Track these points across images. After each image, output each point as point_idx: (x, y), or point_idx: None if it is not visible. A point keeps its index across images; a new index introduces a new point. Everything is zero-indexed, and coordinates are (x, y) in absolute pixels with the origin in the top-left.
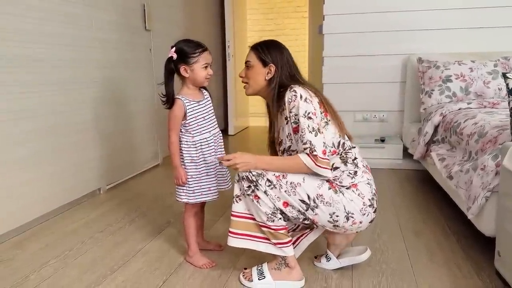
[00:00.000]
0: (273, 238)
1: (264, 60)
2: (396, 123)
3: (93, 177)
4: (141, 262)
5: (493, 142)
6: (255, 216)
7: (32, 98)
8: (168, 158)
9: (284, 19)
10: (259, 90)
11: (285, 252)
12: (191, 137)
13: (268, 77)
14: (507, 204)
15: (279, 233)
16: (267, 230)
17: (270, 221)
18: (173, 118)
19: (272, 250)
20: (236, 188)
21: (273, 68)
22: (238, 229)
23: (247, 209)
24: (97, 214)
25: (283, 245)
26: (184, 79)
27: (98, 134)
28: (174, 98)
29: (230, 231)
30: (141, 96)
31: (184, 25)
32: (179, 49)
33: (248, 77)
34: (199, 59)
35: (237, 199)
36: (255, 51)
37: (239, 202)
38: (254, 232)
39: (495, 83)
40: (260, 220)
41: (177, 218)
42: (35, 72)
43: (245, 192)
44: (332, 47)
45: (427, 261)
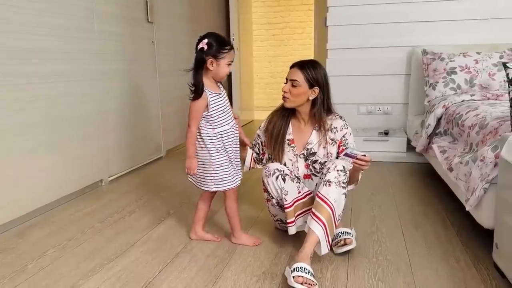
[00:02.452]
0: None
1: (311, 82)
2: (400, 116)
3: (96, 169)
4: (139, 251)
5: (494, 133)
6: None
7: (35, 90)
8: (171, 150)
9: (290, 11)
10: (298, 105)
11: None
12: (212, 129)
13: (312, 97)
14: (505, 196)
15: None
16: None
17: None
18: (196, 109)
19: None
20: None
21: (317, 90)
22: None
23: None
24: (99, 205)
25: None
26: (207, 71)
27: (101, 126)
28: (203, 89)
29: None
30: (144, 88)
31: (187, 17)
32: (210, 42)
33: (292, 94)
34: (226, 56)
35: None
36: (303, 72)
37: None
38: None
39: (501, 75)
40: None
41: (177, 209)
42: (36, 63)
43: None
44: (336, 39)
45: (424, 253)
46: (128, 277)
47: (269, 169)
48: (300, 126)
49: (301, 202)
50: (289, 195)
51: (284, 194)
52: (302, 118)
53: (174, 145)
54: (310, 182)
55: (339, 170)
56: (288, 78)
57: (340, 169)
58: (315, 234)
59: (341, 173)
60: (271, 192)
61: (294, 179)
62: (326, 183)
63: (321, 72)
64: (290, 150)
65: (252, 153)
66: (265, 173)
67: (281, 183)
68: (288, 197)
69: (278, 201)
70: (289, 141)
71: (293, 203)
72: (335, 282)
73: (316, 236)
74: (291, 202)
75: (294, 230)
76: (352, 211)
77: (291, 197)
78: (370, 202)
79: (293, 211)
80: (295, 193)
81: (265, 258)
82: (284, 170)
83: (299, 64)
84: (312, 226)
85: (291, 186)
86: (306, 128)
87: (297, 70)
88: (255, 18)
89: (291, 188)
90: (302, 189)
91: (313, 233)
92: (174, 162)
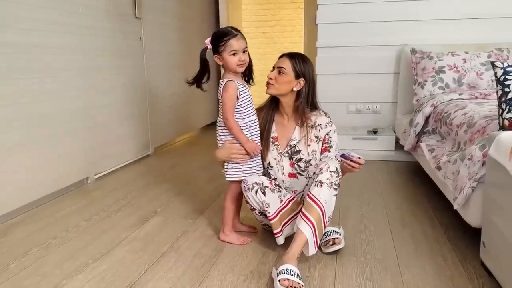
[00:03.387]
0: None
1: (298, 72)
2: (389, 114)
3: (82, 166)
4: (124, 250)
5: (482, 132)
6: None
7: (20, 85)
8: (159, 148)
9: (280, 9)
10: (280, 94)
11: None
12: (241, 119)
13: (296, 88)
14: (492, 194)
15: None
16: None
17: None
18: (231, 99)
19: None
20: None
21: (302, 82)
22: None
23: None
24: (84, 203)
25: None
26: (222, 66)
27: (87, 122)
28: (199, 83)
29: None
30: (131, 84)
31: (176, 13)
32: (211, 40)
33: (277, 81)
34: (225, 47)
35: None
36: (292, 61)
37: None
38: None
39: (488, 74)
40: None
41: (164, 207)
42: (21, 58)
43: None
44: (326, 38)
45: (412, 251)
46: (113, 277)
47: (248, 184)
48: (283, 121)
49: (285, 211)
50: (271, 207)
51: (266, 206)
52: (286, 113)
53: (162, 142)
54: (295, 182)
55: (332, 171)
56: (276, 66)
57: (333, 170)
58: (303, 235)
59: (333, 174)
60: (252, 205)
61: (274, 189)
62: (318, 183)
63: (309, 67)
64: (274, 148)
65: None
66: (244, 187)
67: (261, 196)
68: (270, 209)
69: (262, 212)
70: (273, 139)
71: (277, 213)
72: (323, 281)
73: (304, 236)
74: (275, 213)
75: (282, 240)
76: (341, 209)
77: (274, 208)
78: (358, 200)
79: (279, 221)
80: (277, 204)
81: (252, 257)
82: (263, 182)
83: (289, 54)
84: (301, 226)
85: (272, 197)
86: (289, 124)
87: (286, 59)
88: (245, 15)
89: (272, 200)
90: (284, 196)
91: (301, 234)
92: (162, 160)
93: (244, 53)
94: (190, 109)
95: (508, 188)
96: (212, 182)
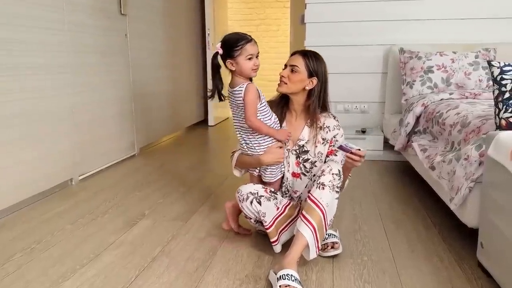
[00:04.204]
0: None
1: (311, 71)
2: (377, 114)
3: (66, 167)
4: (113, 255)
5: (476, 132)
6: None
7: (0, 83)
8: (145, 148)
9: (265, 8)
10: (292, 93)
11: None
12: (267, 121)
13: (309, 87)
14: (491, 194)
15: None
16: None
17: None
18: (255, 100)
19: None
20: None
21: (315, 81)
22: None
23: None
24: (69, 205)
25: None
26: (233, 72)
27: (71, 122)
28: (220, 92)
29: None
30: (117, 83)
31: (162, 10)
32: (223, 44)
33: (290, 79)
34: (241, 52)
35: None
36: (305, 59)
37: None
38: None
39: (476, 74)
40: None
41: (152, 209)
42: (1, 55)
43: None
44: (314, 37)
45: (408, 252)
46: (102, 283)
47: (242, 194)
48: (292, 119)
49: (282, 218)
50: (267, 216)
51: (262, 216)
52: (295, 110)
53: (147, 142)
54: (297, 182)
55: (335, 173)
56: (288, 64)
57: (335, 172)
58: (304, 238)
59: (336, 176)
60: (248, 215)
61: (270, 197)
62: (320, 185)
63: (322, 65)
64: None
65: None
66: (238, 197)
67: (257, 206)
68: (267, 218)
69: (258, 220)
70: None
71: (274, 221)
72: (321, 285)
73: (305, 240)
74: (271, 222)
75: (279, 248)
76: None
77: (270, 216)
78: (350, 201)
79: (275, 229)
80: (273, 212)
81: (247, 261)
82: (258, 191)
83: (302, 52)
84: (302, 229)
85: (268, 206)
86: (297, 123)
87: (299, 57)
88: (231, 14)
89: (268, 209)
90: (280, 203)
91: (302, 237)
92: (148, 160)
93: (257, 58)
94: (176, 108)
95: (510, 188)
96: (202, 182)
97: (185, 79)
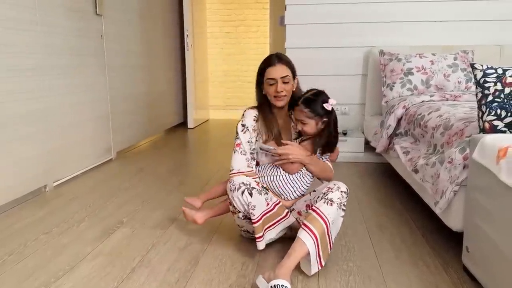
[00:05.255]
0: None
1: (293, 72)
2: (357, 116)
3: (39, 173)
4: (90, 266)
5: (459, 134)
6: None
7: None
8: (122, 152)
9: (244, 9)
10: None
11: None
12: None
13: (294, 87)
14: (477, 198)
15: None
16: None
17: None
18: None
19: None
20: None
21: (295, 79)
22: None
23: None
24: (43, 214)
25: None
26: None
27: (44, 126)
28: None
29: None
30: (92, 85)
31: (139, 11)
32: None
33: (287, 90)
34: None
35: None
36: (286, 64)
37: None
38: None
39: (455, 76)
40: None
41: (130, 217)
42: None
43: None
44: (294, 38)
45: (393, 257)
46: None
47: (234, 183)
48: (281, 122)
49: (270, 214)
50: (256, 209)
51: (251, 208)
52: (276, 113)
53: (125, 146)
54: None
55: (343, 191)
56: (277, 77)
57: (344, 190)
58: (304, 246)
59: (344, 194)
60: (237, 207)
61: (261, 191)
62: (328, 201)
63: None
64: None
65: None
66: (230, 187)
67: (248, 198)
68: (256, 211)
69: (245, 215)
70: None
71: (261, 216)
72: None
73: (305, 248)
74: (259, 216)
75: (263, 245)
76: None
77: (259, 211)
78: None
79: (262, 225)
80: (263, 206)
81: (231, 270)
82: (251, 183)
83: (277, 58)
84: (303, 236)
85: (258, 199)
86: (286, 123)
87: (282, 66)
88: (209, 15)
89: (258, 202)
90: (271, 200)
91: (302, 245)
92: (126, 165)
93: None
94: (155, 110)
95: (496, 193)
96: (182, 186)
97: (164, 81)
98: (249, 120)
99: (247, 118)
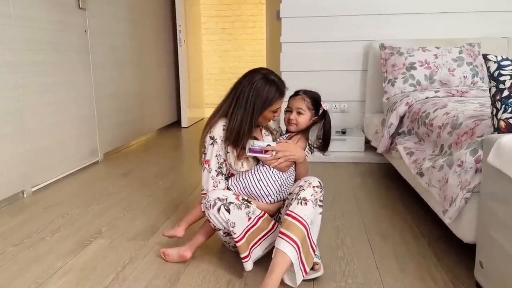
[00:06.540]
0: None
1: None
2: (357, 114)
3: (15, 178)
4: (60, 283)
5: (470, 134)
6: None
7: None
8: (110, 153)
9: (241, 4)
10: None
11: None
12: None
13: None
14: (491, 206)
15: None
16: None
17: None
18: None
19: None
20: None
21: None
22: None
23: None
24: (16, 222)
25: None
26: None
27: (22, 127)
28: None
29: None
30: (75, 83)
31: (126, 5)
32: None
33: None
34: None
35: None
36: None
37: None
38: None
39: (460, 70)
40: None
41: (110, 226)
42: None
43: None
44: (290, 33)
45: (397, 270)
46: None
47: (209, 199)
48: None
49: (254, 230)
50: (237, 226)
51: (231, 226)
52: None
53: (113, 147)
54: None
55: (315, 186)
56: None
57: (316, 185)
58: (286, 257)
59: (317, 189)
60: (216, 225)
61: (241, 205)
62: (302, 201)
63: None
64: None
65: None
66: (205, 204)
67: (225, 214)
68: (236, 229)
69: (226, 232)
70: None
71: (244, 233)
72: None
73: (287, 258)
74: (241, 234)
75: (250, 265)
76: None
77: (241, 227)
78: (332, 210)
79: (246, 243)
80: (244, 222)
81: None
82: (227, 197)
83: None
84: (282, 246)
85: (238, 215)
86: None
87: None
88: (204, 10)
89: (238, 218)
90: (253, 213)
91: (283, 255)
92: (113, 167)
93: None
94: (146, 109)
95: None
96: (169, 191)
97: (155, 78)
98: (218, 130)
99: (216, 128)
